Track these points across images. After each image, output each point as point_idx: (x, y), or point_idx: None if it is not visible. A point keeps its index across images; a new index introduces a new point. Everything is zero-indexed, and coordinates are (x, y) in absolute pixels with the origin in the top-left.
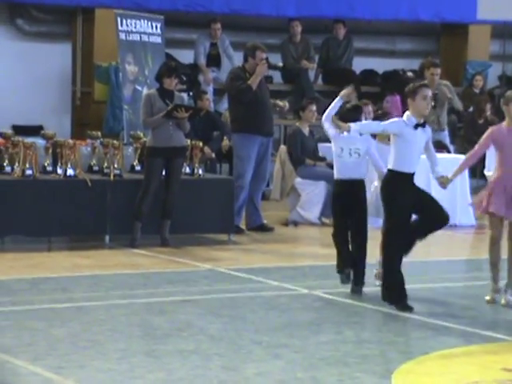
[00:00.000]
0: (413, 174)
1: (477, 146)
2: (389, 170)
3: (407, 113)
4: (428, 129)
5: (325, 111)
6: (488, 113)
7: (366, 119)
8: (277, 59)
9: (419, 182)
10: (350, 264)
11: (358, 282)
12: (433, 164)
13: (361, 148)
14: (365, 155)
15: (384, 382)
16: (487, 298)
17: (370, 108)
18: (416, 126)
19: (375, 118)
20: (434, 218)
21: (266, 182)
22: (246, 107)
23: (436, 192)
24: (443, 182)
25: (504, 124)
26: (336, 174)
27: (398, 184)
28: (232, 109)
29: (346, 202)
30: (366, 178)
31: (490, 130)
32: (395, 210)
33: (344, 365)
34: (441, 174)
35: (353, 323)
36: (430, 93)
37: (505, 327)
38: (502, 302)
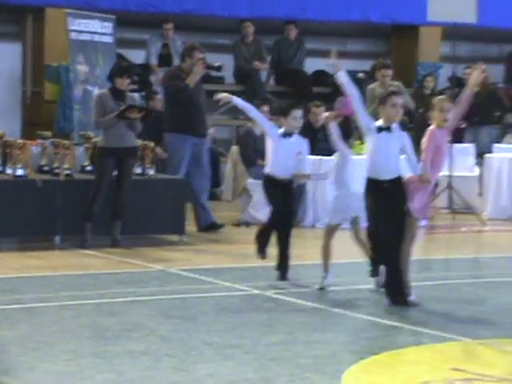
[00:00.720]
0: (386, 182)
1: (426, 151)
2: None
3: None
4: (399, 135)
5: (277, 111)
6: None
7: (318, 121)
8: (229, 60)
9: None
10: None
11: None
12: (410, 166)
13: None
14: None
15: (334, 383)
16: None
17: (322, 108)
18: (379, 130)
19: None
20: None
21: (210, 180)
22: (180, 107)
23: None
24: (425, 180)
25: (433, 127)
26: None
27: (367, 189)
28: (167, 108)
29: None
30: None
31: (429, 132)
32: (368, 214)
33: (295, 365)
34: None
35: (304, 324)
36: (400, 100)
37: (454, 327)
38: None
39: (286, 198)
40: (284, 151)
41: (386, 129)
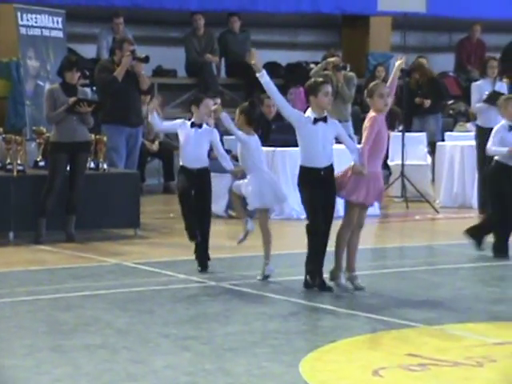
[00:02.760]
0: (322, 169)
1: (367, 139)
2: (300, 166)
3: (309, 109)
4: (333, 123)
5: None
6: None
7: (271, 113)
8: (181, 53)
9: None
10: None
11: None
12: (351, 154)
13: None
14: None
15: (292, 371)
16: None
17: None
18: (315, 121)
19: None
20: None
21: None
22: (112, 99)
23: None
24: (360, 172)
25: (374, 113)
26: None
27: (306, 178)
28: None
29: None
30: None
31: (372, 118)
32: (307, 202)
33: (252, 355)
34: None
35: (260, 314)
36: (330, 88)
37: (409, 314)
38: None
39: (202, 188)
40: (195, 141)
41: (321, 119)
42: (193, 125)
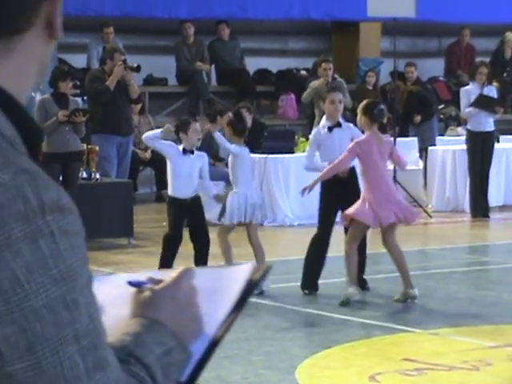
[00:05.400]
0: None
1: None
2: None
3: (323, 118)
4: (348, 126)
5: (221, 112)
6: None
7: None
8: (171, 61)
9: None
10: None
11: None
12: None
13: None
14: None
15: (288, 378)
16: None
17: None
18: (330, 129)
19: None
20: None
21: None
22: (104, 108)
23: None
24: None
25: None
26: None
27: (327, 187)
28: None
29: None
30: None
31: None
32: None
33: (248, 363)
34: None
35: (256, 321)
36: (338, 96)
37: (404, 318)
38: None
39: (196, 217)
40: (189, 169)
41: (335, 126)
42: (185, 151)
